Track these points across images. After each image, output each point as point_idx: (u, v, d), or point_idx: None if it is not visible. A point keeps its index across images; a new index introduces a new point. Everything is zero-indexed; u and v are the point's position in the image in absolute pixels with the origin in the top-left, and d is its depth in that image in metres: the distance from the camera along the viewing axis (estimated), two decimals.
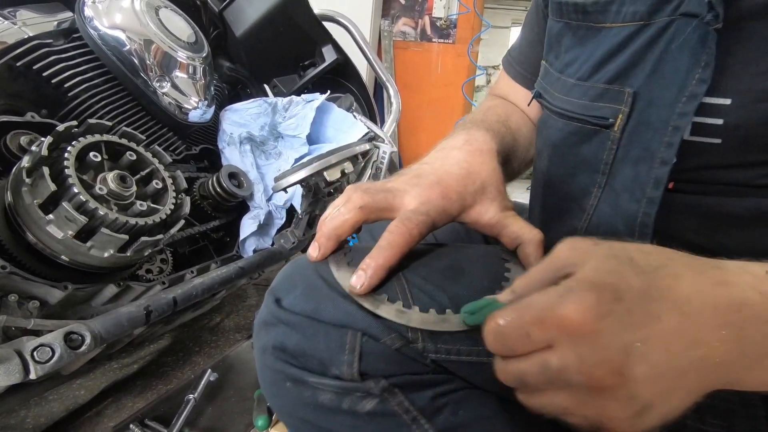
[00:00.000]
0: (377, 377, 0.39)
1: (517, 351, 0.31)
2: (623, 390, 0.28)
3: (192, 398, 1.00)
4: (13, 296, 0.70)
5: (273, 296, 0.43)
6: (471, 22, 2.82)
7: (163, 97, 1.00)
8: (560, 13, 0.55)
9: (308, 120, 1.20)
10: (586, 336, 0.28)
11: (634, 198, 0.44)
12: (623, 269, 0.30)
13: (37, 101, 0.87)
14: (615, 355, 0.28)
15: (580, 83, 0.51)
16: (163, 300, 0.80)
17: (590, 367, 0.28)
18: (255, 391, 1.07)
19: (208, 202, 1.11)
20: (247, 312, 1.54)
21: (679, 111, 0.41)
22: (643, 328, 0.29)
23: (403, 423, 0.39)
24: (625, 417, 0.29)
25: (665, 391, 0.29)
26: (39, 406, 1.03)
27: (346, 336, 0.39)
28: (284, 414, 0.44)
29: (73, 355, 0.63)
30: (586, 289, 0.29)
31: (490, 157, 0.48)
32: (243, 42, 1.32)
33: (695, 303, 0.29)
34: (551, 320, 0.29)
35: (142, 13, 0.97)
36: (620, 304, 0.29)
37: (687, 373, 0.29)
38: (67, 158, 0.71)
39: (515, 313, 0.31)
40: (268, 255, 1.07)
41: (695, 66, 0.40)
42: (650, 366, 0.28)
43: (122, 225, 0.73)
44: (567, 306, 0.29)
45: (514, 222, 0.46)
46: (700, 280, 0.30)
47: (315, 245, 0.43)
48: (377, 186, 0.44)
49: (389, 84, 1.61)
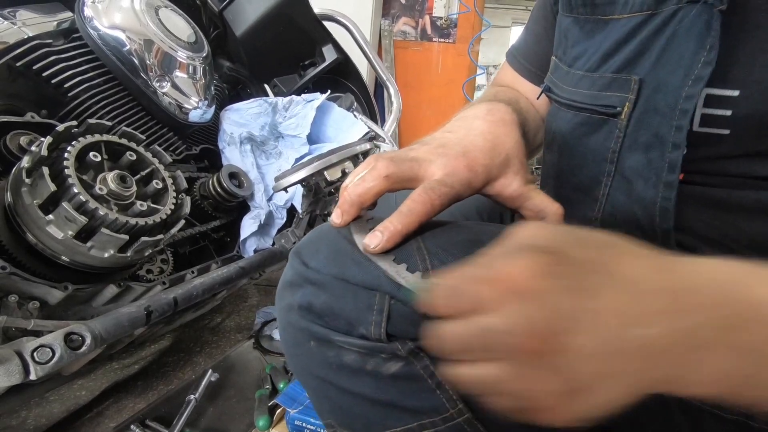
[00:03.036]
0: (404, 339, 0.38)
1: (459, 309, 0.29)
2: (559, 358, 0.27)
3: (193, 398, 0.99)
4: (13, 297, 0.69)
5: (299, 258, 0.42)
6: (471, 21, 2.82)
7: (163, 97, 0.99)
8: (569, 8, 0.55)
9: (309, 120, 1.20)
10: (521, 294, 0.28)
11: (650, 184, 0.45)
12: (573, 241, 0.30)
13: (37, 101, 0.87)
14: (549, 318, 0.27)
15: (588, 74, 0.51)
16: (163, 300, 0.80)
17: (527, 328, 0.27)
18: (256, 392, 1.07)
19: (208, 202, 1.10)
20: (248, 312, 1.54)
21: (686, 94, 0.41)
22: (586, 299, 0.28)
23: (427, 387, 0.38)
24: (558, 394, 0.28)
25: (602, 372, 0.28)
26: (39, 407, 1.03)
27: (375, 297, 0.38)
28: (305, 374, 0.43)
29: (74, 356, 0.63)
30: (534, 251, 0.29)
31: (513, 128, 0.48)
32: (243, 42, 1.32)
33: (641, 283, 0.29)
34: (497, 276, 0.29)
35: (141, 12, 0.97)
36: (561, 269, 0.28)
37: (626, 359, 0.28)
38: (67, 158, 0.70)
39: (462, 271, 0.30)
40: (268, 255, 1.06)
41: (700, 49, 0.40)
42: (590, 339, 0.27)
43: (122, 225, 0.73)
44: (514, 263, 0.28)
45: (537, 195, 0.46)
46: (645, 263, 0.30)
47: (338, 211, 0.42)
48: (402, 155, 0.43)
49: (390, 83, 1.61)
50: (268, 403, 1.02)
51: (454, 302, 0.30)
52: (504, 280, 0.28)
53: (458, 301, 0.30)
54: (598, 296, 0.28)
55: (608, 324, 0.28)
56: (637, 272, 0.29)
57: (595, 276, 0.29)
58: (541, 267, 0.28)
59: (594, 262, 0.29)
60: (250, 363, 1.22)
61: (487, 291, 0.29)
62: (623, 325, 0.28)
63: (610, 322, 0.28)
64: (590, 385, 0.28)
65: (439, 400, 0.38)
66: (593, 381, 0.28)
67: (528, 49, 0.70)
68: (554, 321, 0.27)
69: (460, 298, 0.29)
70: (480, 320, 0.28)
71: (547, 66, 0.64)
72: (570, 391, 0.28)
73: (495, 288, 0.28)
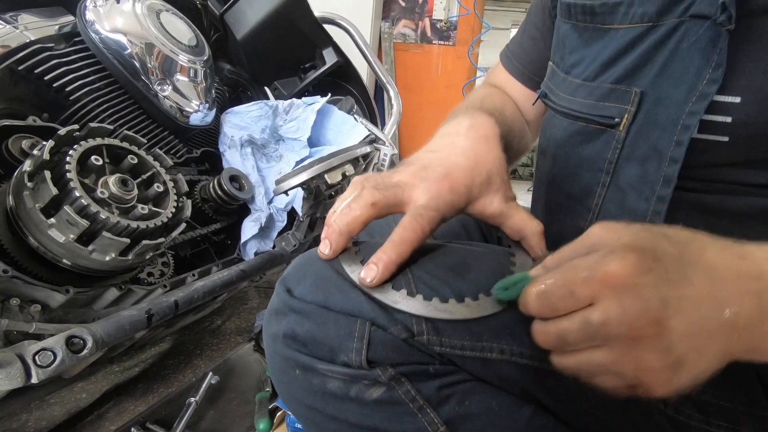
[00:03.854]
0: (385, 366, 0.40)
1: (559, 310, 0.33)
2: (660, 340, 0.31)
3: (193, 401, 0.99)
4: (14, 300, 0.70)
5: (284, 286, 0.43)
6: (471, 23, 2.82)
7: (164, 100, 1.00)
8: (568, 14, 0.55)
9: (309, 123, 1.20)
10: (628, 289, 0.31)
11: (643, 197, 0.45)
12: (658, 238, 0.33)
13: (39, 105, 0.87)
14: (655, 307, 0.30)
15: (586, 83, 0.51)
16: (164, 303, 0.80)
17: (631, 318, 0.30)
18: (256, 394, 1.07)
19: (209, 205, 1.11)
20: (248, 314, 1.54)
21: (690, 110, 0.42)
22: (679, 287, 0.31)
23: (409, 411, 0.40)
24: (661, 369, 0.31)
25: (697, 348, 0.31)
26: (40, 410, 1.03)
27: (356, 324, 0.39)
28: (292, 402, 0.44)
29: (75, 359, 0.63)
30: (628, 251, 0.32)
31: (495, 144, 0.48)
32: (244, 45, 1.33)
33: (721, 271, 0.32)
34: (595, 277, 0.31)
35: (143, 16, 0.97)
36: (659, 264, 0.31)
37: (716, 335, 0.32)
38: (69, 162, 0.71)
39: (559, 274, 0.33)
40: (269, 258, 1.07)
41: (706, 66, 0.41)
42: (685, 321, 0.31)
43: (123, 228, 0.73)
44: (610, 263, 0.31)
45: (516, 213, 0.47)
46: (724, 253, 0.33)
47: (326, 242, 0.43)
48: (386, 181, 0.44)
49: (390, 86, 1.61)
50: (268, 406, 1.02)
51: (560, 303, 0.33)
52: (608, 280, 0.31)
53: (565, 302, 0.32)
54: (688, 284, 0.32)
55: (699, 307, 0.31)
56: (720, 261, 0.33)
57: (684, 267, 0.32)
58: (638, 265, 0.31)
59: (681, 255, 0.33)
60: (250, 365, 1.22)
61: (593, 290, 0.31)
62: (712, 307, 0.31)
63: (701, 305, 0.31)
64: (687, 360, 0.31)
65: (421, 423, 0.40)
66: (690, 356, 0.31)
67: (522, 50, 0.70)
68: (656, 309, 0.31)
69: (566, 299, 0.32)
70: (588, 315, 0.31)
71: (541, 69, 0.64)
72: (670, 367, 0.31)
73: (601, 287, 0.31)
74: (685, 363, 0.31)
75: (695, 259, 0.33)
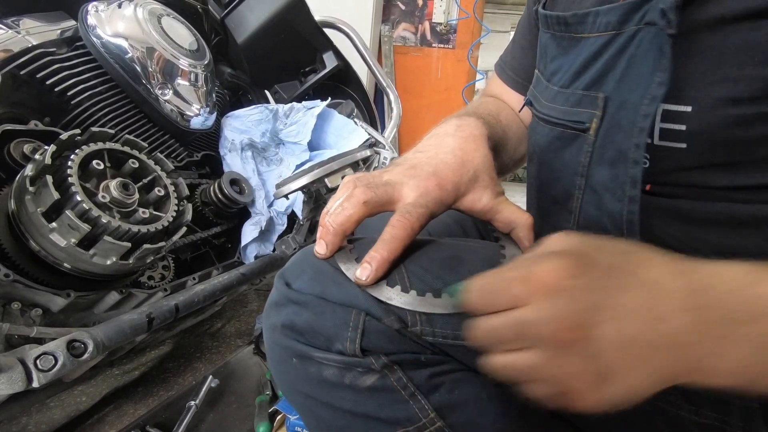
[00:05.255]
0: (378, 354, 0.41)
1: (495, 306, 0.33)
2: (587, 345, 0.30)
3: (193, 405, 1.00)
4: (15, 304, 0.70)
5: (283, 280, 0.45)
6: (471, 27, 2.83)
7: (165, 104, 1.00)
8: (546, 24, 0.57)
9: (309, 127, 1.21)
10: (559, 291, 0.31)
11: (616, 197, 0.46)
12: (600, 246, 0.34)
13: (41, 109, 0.88)
14: (584, 311, 0.31)
15: (562, 90, 0.53)
16: (165, 307, 0.80)
17: (559, 319, 0.31)
18: (257, 398, 1.07)
19: (209, 208, 1.11)
20: (248, 318, 1.54)
21: (643, 113, 0.43)
22: (612, 295, 0.31)
23: (401, 399, 0.41)
24: (587, 376, 0.31)
25: (629, 361, 0.31)
26: (40, 413, 1.03)
27: (351, 314, 0.41)
28: (290, 391, 0.46)
29: (76, 363, 0.63)
30: (565, 255, 0.32)
31: (482, 143, 0.50)
32: (244, 49, 1.33)
33: (661, 285, 0.32)
34: (530, 276, 0.32)
35: (144, 21, 0.98)
36: (594, 270, 0.32)
37: (652, 350, 0.31)
38: (71, 166, 0.71)
39: (498, 272, 0.34)
40: (269, 261, 1.07)
41: (656, 70, 0.42)
42: (615, 330, 0.31)
43: (125, 233, 0.74)
44: (545, 265, 0.32)
45: (506, 207, 0.48)
46: (666, 267, 0.33)
47: (322, 243, 0.44)
48: (377, 179, 0.46)
49: (390, 89, 1.62)
50: (268, 409, 1.02)
51: (494, 300, 0.33)
52: (536, 280, 0.32)
53: (497, 299, 0.33)
54: (623, 294, 0.31)
55: (632, 318, 0.31)
56: (658, 274, 0.32)
57: (620, 276, 0.32)
58: (569, 268, 0.31)
59: (619, 265, 0.33)
60: (250, 369, 1.22)
61: (524, 290, 0.32)
62: (646, 320, 0.31)
63: (634, 317, 0.31)
64: (617, 372, 0.31)
65: (412, 410, 0.41)
66: (619, 368, 0.31)
67: (515, 60, 0.72)
68: (582, 313, 0.31)
69: (499, 297, 0.33)
70: (517, 313, 0.32)
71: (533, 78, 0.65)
72: (598, 376, 0.31)
73: (532, 287, 0.32)
74: (614, 375, 0.31)
75: (634, 270, 0.32)
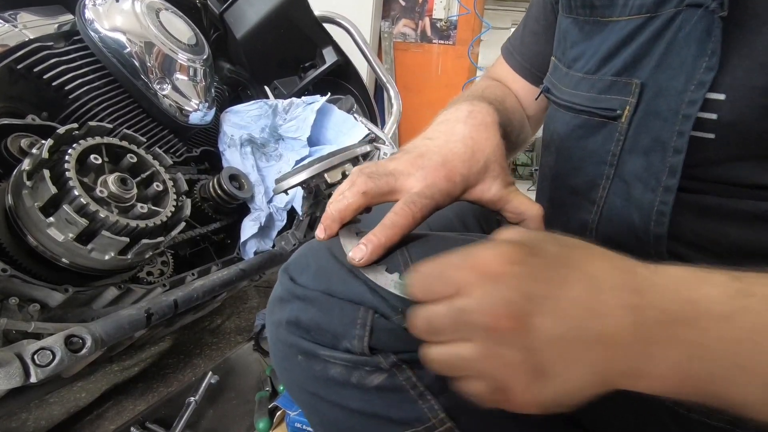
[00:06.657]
0: (386, 352, 0.40)
1: (433, 294, 0.32)
2: (522, 336, 0.29)
3: (193, 401, 0.99)
4: (13, 299, 0.69)
5: (287, 274, 0.44)
6: (471, 23, 2.82)
7: (163, 99, 1.00)
8: (569, 9, 0.55)
9: (309, 122, 1.20)
10: (495, 277, 0.30)
11: (649, 188, 0.45)
12: (544, 238, 0.34)
13: (38, 104, 0.87)
14: (519, 299, 0.30)
15: (587, 77, 0.52)
16: (163, 302, 0.80)
17: (497, 306, 0.30)
18: (256, 394, 1.07)
19: (208, 204, 1.11)
20: (247, 314, 1.54)
21: (689, 99, 0.42)
22: (551, 286, 0.30)
23: (409, 398, 0.40)
24: (522, 370, 0.30)
25: (566, 357, 0.30)
26: (39, 409, 1.03)
27: (359, 311, 0.40)
28: (294, 389, 0.45)
29: (74, 359, 0.63)
30: (505, 243, 0.32)
31: (494, 131, 0.49)
32: (243, 44, 1.32)
33: (601, 281, 0.31)
34: (467, 262, 0.31)
35: (142, 15, 0.97)
36: (533, 259, 0.31)
37: (590, 347, 0.30)
38: (68, 161, 0.70)
39: (437, 260, 0.33)
40: (268, 257, 1.07)
41: (702, 54, 0.41)
42: (552, 323, 0.30)
43: (123, 228, 0.73)
44: (488, 251, 0.31)
45: (516, 197, 0.47)
46: (610, 264, 0.32)
47: (321, 227, 0.45)
48: (380, 169, 0.45)
49: (390, 85, 1.61)
50: (268, 406, 1.02)
51: (432, 287, 0.32)
52: (478, 266, 0.31)
53: (436, 286, 0.32)
54: (561, 287, 0.30)
55: (570, 312, 0.30)
56: (601, 271, 0.31)
57: (563, 269, 0.31)
58: (511, 255, 0.31)
59: (562, 257, 0.32)
60: (250, 365, 1.22)
61: (462, 276, 0.31)
62: (583, 316, 0.30)
63: (572, 311, 0.30)
64: (553, 368, 0.30)
65: (421, 410, 0.40)
66: (556, 364, 0.30)
67: (524, 46, 0.70)
68: (520, 302, 0.30)
69: (438, 283, 0.32)
70: (454, 302, 0.31)
71: (543, 65, 0.64)
72: (534, 372, 0.30)
73: (470, 273, 0.31)
74: (551, 371, 0.30)
75: (579, 263, 0.32)
